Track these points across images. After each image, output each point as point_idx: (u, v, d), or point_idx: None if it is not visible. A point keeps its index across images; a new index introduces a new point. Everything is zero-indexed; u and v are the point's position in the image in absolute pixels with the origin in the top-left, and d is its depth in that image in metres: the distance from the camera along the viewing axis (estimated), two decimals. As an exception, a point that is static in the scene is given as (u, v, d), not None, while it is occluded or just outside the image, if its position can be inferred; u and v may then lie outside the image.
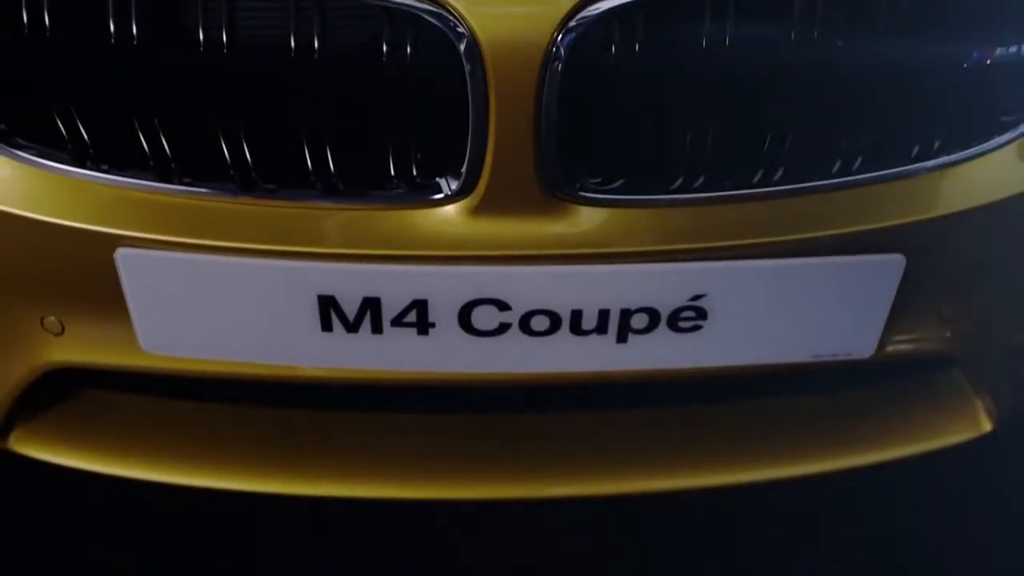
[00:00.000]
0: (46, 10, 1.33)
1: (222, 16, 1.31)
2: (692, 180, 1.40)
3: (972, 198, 1.45)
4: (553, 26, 1.27)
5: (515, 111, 1.31)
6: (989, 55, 1.41)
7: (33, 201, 1.40)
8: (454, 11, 1.27)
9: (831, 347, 1.51)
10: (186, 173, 1.39)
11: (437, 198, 1.38)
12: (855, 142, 1.42)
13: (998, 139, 1.44)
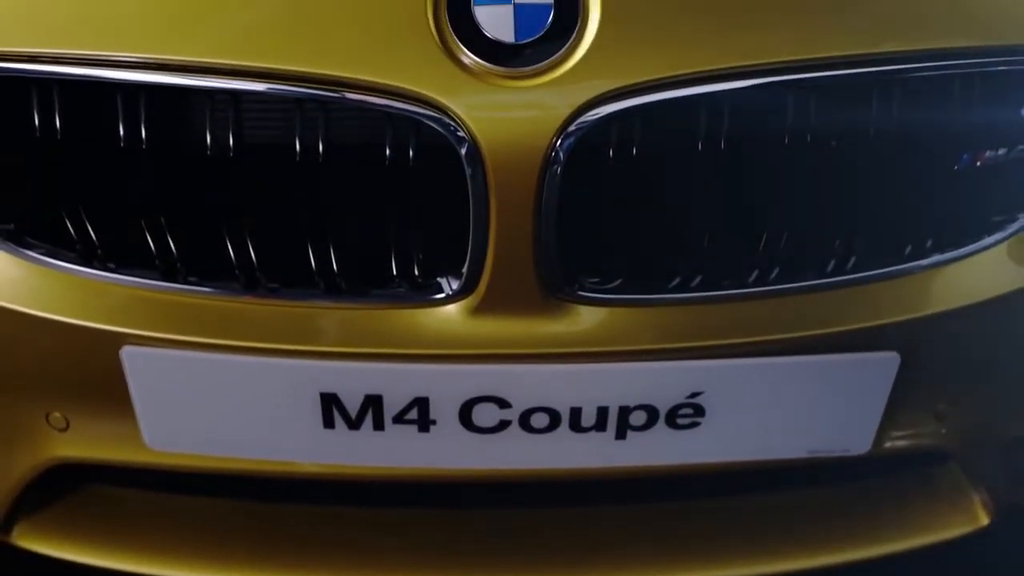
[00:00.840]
0: (57, 113, 1.36)
1: (229, 120, 1.34)
2: (689, 279, 1.42)
3: (964, 296, 1.47)
4: (552, 131, 1.31)
5: (515, 213, 1.34)
6: (979, 157, 1.44)
7: (41, 299, 1.42)
8: (455, 116, 1.30)
9: (827, 444, 1.52)
10: (191, 272, 1.41)
11: (438, 298, 1.40)
12: (849, 242, 1.44)
13: (988, 239, 1.47)
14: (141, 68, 1.33)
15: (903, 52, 1.37)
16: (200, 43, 1.32)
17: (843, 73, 1.36)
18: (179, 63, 1.33)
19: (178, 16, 1.34)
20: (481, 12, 1.31)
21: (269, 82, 1.32)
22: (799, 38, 1.35)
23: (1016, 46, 1.40)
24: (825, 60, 1.35)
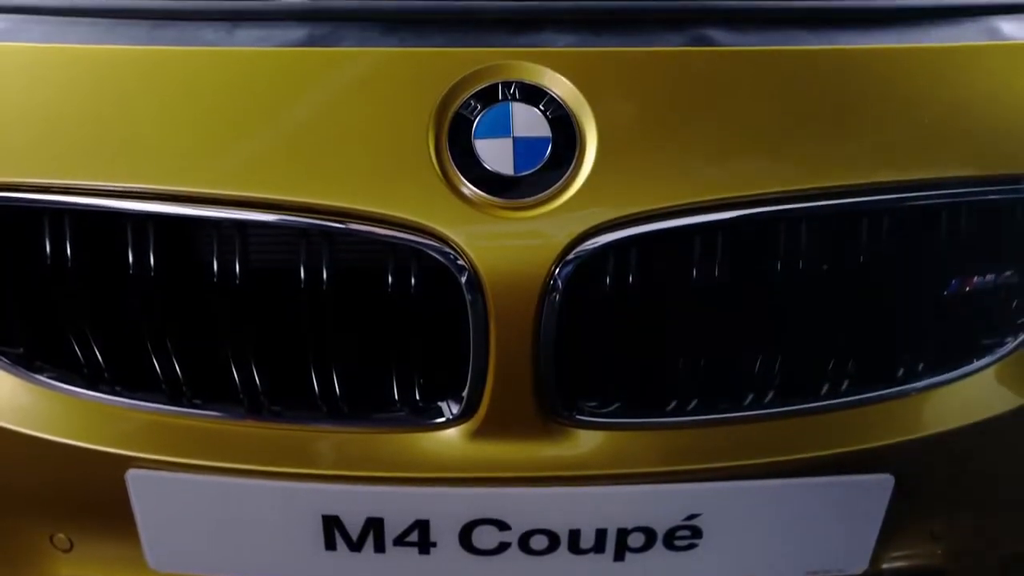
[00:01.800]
0: (68, 242, 1.40)
1: (235, 248, 1.38)
2: (686, 403, 1.45)
3: (956, 418, 1.49)
4: (551, 260, 1.34)
5: (515, 339, 1.37)
6: (967, 283, 1.48)
7: (48, 422, 1.45)
8: (456, 246, 1.34)
9: (823, 564, 1.54)
10: (196, 396, 1.44)
11: (439, 422, 1.43)
12: (842, 365, 1.47)
13: (978, 362, 1.50)
14: (150, 199, 1.37)
15: (896, 182, 1.40)
16: (208, 174, 1.36)
17: (837, 203, 1.39)
18: (188, 194, 1.36)
19: (187, 148, 1.38)
20: (482, 145, 1.35)
21: (276, 213, 1.36)
22: (793, 169, 1.39)
23: (1007, 176, 1.44)
24: (819, 190, 1.39)
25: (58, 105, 1.40)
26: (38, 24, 1.43)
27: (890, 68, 1.44)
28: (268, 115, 1.38)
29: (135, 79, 1.40)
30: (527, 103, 1.36)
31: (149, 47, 1.40)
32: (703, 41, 1.40)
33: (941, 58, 1.45)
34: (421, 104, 1.35)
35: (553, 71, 1.37)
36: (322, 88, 1.39)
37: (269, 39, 1.39)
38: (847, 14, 1.45)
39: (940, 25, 1.46)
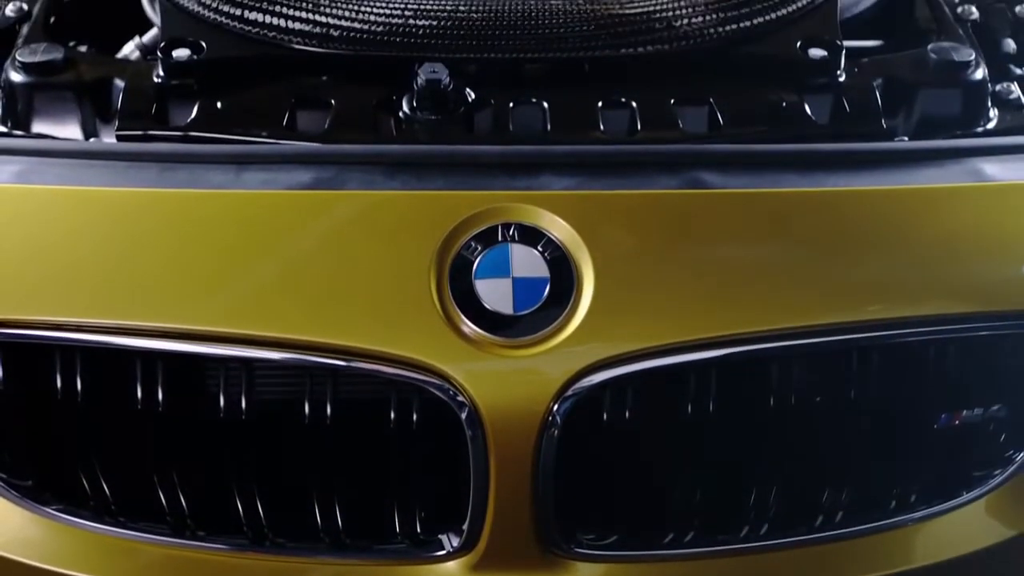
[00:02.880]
0: (79, 377, 1.43)
1: (241, 383, 1.41)
2: (683, 535, 1.47)
3: (947, 550, 1.52)
4: (549, 396, 1.37)
5: (514, 473, 1.39)
6: (957, 416, 1.51)
7: (55, 555, 1.47)
8: (456, 383, 1.37)
9: None
10: (200, 527, 1.46)
11: (439, 555, 1.45)
12: (835, 497, 1.50)
13: (968, 494, 1.52)
14: (159, 337, 1.40)
15: (886, 320, 1.44)
16: (216, 313, 1.40)
17: (828, 340, 1.43)
18: (196, 332, 1.40)
19: (195, 288, 1.42)
20: (482, 285, 1.39)
21: (281, 351, 1.39)
22: (785, 308, 1.43)
23: (994, 313, 1.48)
24: (810, 328, 1.42)
25: (71, 245, 1.44)
26: (52, 167, 1.47)
27: (878, 209, 1.48)
28: (274, 256, 1.42)
29: (145, 220, 1.45)
30: (526, 244, 1.40)
31: (159, 189, 1.44)
32: (696, 184, 1.45)
33: (927, 199, 1.49)
34: (423, 245, 1.39)
35: (551, 213, 1.41)
36: (327, 229, 1.43)
37: (275, 182, 1.44)
38: (835, 157, 1.50)
39: (925, 167, 1.50)
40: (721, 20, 1.61)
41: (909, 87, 1.61)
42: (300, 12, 1.59)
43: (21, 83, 1.57)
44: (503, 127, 1.54)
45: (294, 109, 1.54)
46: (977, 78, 1.61)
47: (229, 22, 1.60)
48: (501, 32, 1.58)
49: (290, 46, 1.60)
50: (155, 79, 1.57)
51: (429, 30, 1.57)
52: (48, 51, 1.59)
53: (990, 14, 1.81)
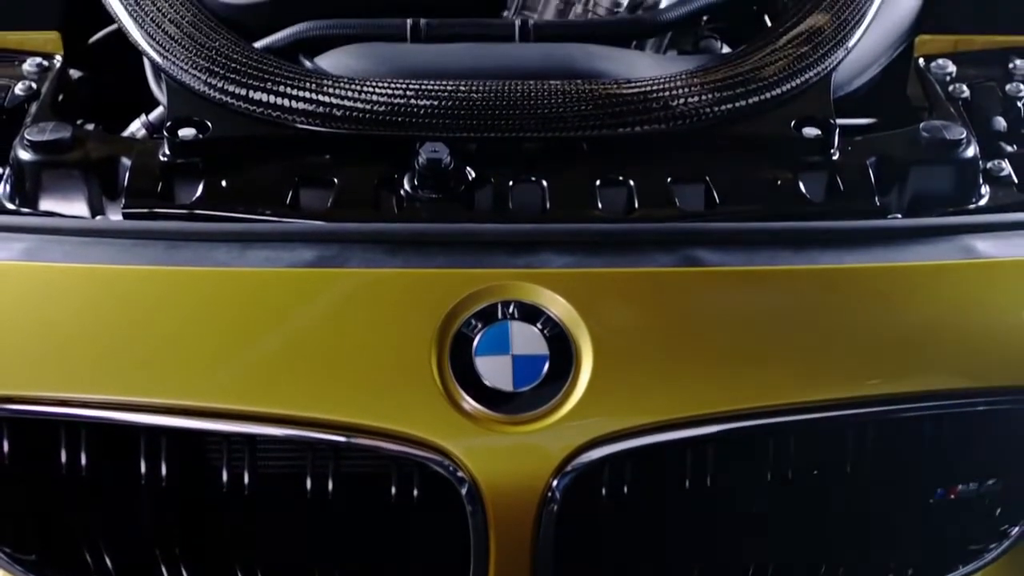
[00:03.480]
0: (83, 452, 1.45)
1: (244, 458, 1.43)
2: None
3: None
4: (549, 472, 1.39)
5: (514, 548, 1.41)
6: (952, 491, 1.53)
7: None
8: (456, 459, 1.39)
9: None
10: None
11: None
12: (833, 571, 1.51)
13: (964, 568, 1.53)
14: (164, 413, 1.42)
15: (881, 395, 1.46)
16: (220, 390, 1.42)
17: (823, 416, 1.45)
18: (200, 408, 1.42)
19: (199, 364, 1.44)
20: (482, 362, 1.41)
21: (284, 427, 1.41)
22: (780, 383, 1.45)
23: (987, 388, 1.49)
24: (805, 404, 1.44)
25: (78, 322, 1.46)
26: (60, 244, 1.50)
27: (872, 286, 1.50)
28: (277, 332, 1.44)
29: (150, 298, 1.47)
30: (525, 322, 1.42)
31: (164, 267, 1.46)
32: (692, 261, 1.47)
33: (920, 276, 1.51)
34: (424, 322, 1.42)
35: (550, 291, 1.43)
36: (329, 307, 1.45)
37: (278, 260, 1.46)
38: (829, 235, 1.52)
39: (918, 244, 1.53)
40: (716, 100, 1.64)
41: (902, 165, 1.64)
42: (303, 92, 1.62)
43: (29, 161, 1.60)
44: (503, 205, 1.57)
45: (297, 187, 1.57)
46: (968, 155, 1.64)
47: (234, 102, 1.63)
48: (501, 112, 1.60)
49: (293, 125, 1.63)
50: (161, 157, 1.60)
51: (430, 110, 1.59)
52: (56, 130, 1.62)
53: (980, 92, 1.84)
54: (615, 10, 1.92)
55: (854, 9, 1.83)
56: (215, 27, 1.75)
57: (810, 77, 1.71)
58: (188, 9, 1.77)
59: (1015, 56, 1.91)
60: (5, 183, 1.62)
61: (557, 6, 1.93)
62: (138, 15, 1.78)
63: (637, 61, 1.79)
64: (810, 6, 1.83)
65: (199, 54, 1.68)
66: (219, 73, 1.66)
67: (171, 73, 1.70)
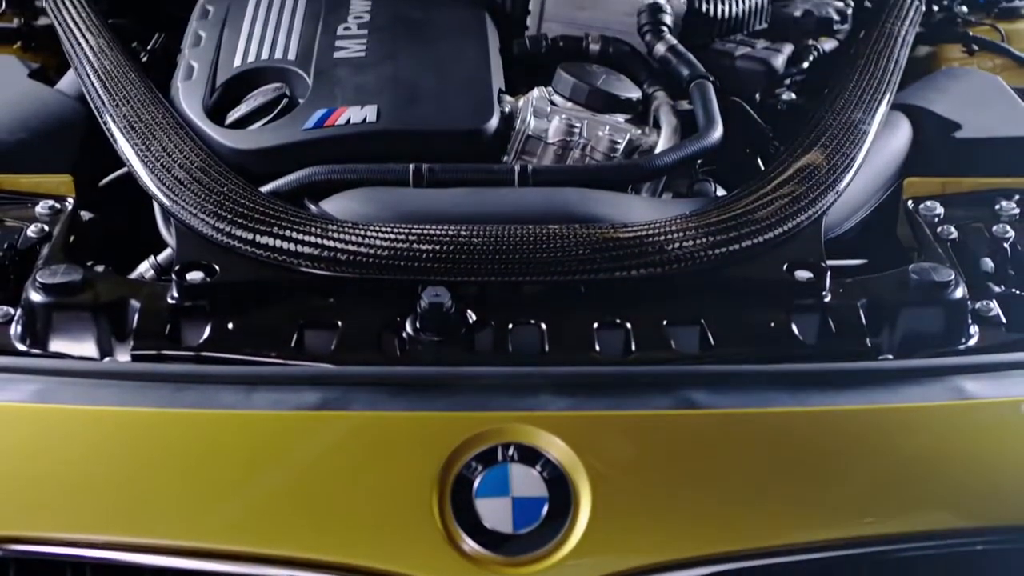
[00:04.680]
0: None
1: None
2: None
3: None
4: None
5: None
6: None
7: None
8: None
9: None
10: None
11: None
12: None
13: None
14: (169, 553, 1.44)
15: (876, 536, 1.48)
16: (224, 531, 1.44)
17: (820, 556, 1.47)
18: (204, 549, 1.44)
19: (204, 505, 1.46)
20: (482, 504, 1.43)
21: (286, 568, 1.43)
22: (777, 524, 1.47)
23: (985, 527, 1.52)
24: (802, 545, 1.46)
25: (85, 463, 1.49)
26: (69, 386, 1.53)
27: (865, 427, 1.53)
28: (281, 475, 1.47)
29: (157, 440, 1.50)
30: (525, 464, 1.45)
31: (171, 410, 1.50)
32: (689, 404, 1.50)
33: (911, 417, 1.54)
34: (425, 464, 1.45)
35: (549, 433, 1.46)
36: (333, 449, 1.48)
37: (283, 403, 1.49)
38: (822, 376, 1.56)
39: (909, 385, 1.56)
40: (711, 244, 1.69)
41: (892, 307, 1.68)
42: (309, 236, 1.67)
43: (41, 303, 1.64)
44: (503, 347, 1.61)
45: (302, 330, 1.61)
46: (957, 297, 1.68)
47: (241, 246, 1.68)
48: (501, 256, 1.65)
49: (299, 269, 1.67)
50: (169, 300, 1.64)
51: (432, 254, 1.64)
52: (67, 272, 1.66)
53: (968, 233, 1.88)
54: (612, 155, 1.97)
55: (844, 153, 1.89)
56: (223, 172, 1.81)
57: (802, 221, 1.76)
58: (197, 155, 1.83)
59: (1001, 197, 1.96)
60: (16, 324, 1.66)
61: (555, 151, 1.98)
62: (148, 160, 1.83)
63: (633, 205, 1.85)
64: (800, 151, 1.89)
65: (207, 199, 1.74)
66: (227, 218, 1.70)
67: (180, 217, 1.74)
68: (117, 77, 2.03)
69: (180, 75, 2.11)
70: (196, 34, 2.22)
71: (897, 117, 2.11)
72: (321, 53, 2.10)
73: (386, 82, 2.03)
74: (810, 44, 2.39)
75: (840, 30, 2.47)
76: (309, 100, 2.00)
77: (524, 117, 1.99)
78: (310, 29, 2.18)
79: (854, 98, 2.05)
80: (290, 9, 2.25)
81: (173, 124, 1.91)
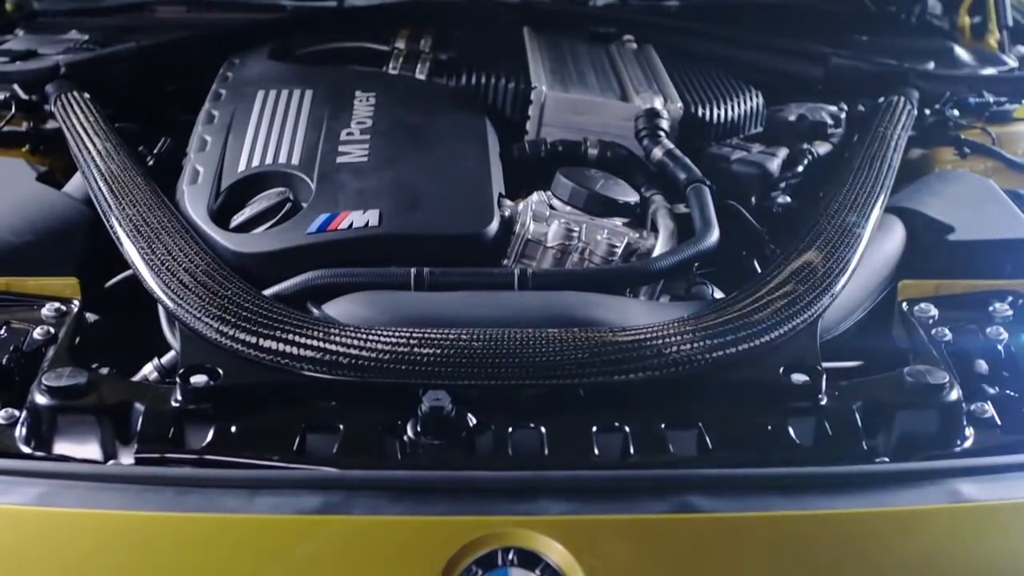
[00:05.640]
0: None
1: None
2: None
3: None
4: None
5: None
6: None
7: None
8: None
9: None
10: None
11: None
12: None
13: None
14: None
15: None
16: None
17: None
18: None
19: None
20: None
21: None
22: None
23: None
24: None
25: (88, 567, 1.50)
26: (72, 489, 1.54)
27: (861, 530, 1.54)
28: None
29: (159, 544, 1.51)
30: (524, 568, 1.46)
31: (174, 513, 1.51)
32: (686, 508, 1.52)
33: (908, 520, 1.55)
34: (426, 569, 1.46)
35: (548, 537, 1.47)
36: (335, 553, 1.49)
37: (285, 507, 1.50)
38: (818, 480, 1.57)
39: (905, 488, 1.57)
40: (708, 347, 1.71)
41: (888, 409, 1.69)
42: (311, 340, 1.69)
43: (46, 406, 1.65)
44: (503, 451, 1.62)
45: (304, 434, 1.62)
46: (952, 399, 1.70)
47: (245, 349, 1.70)
48: (501, 360, 1.67)
49: (301, 372, 1.69)
50: (173, 403, 1.66)
51: (433, 358, 1.66)
52: (72, 376, 1.68)
53: (963, 335, 1.90)
54: (610, 258, 2.00)
55: (839, 256, 1.92)
56: (227, 275, 1.83)
57: (797, 324, 1.79)
58: (201, 258, 1.86)
59: (994, 299, 1.98)
60: (21, 426, 1.67)
61: (554, 254, 2.01)
62: (153, 263, 1.86)
63: (631, 308, 1.87)
64: (796, 253, 1.92)
65: (211, 302, 1.76)
66: (231, 321, 1.73)
67: (184, 320, 1.77)
68: (123, 180, 2.07)
69: (185, 179, 2.15)
70: (201, 138, 2.27)
71: (891, 220, 2.14)
72: (324, 158, 2.15)
73: (388, 187, 2.06)
74: (805, 148, 2.44)
75: (834, 134, 2.52)
76: (312, 204, 2.03)
77: (524, 221, 2.03)
78: (313, 134, 2.22)
79: (848, 201, 2.09)
80: (294, 114, 2.30)
81: (178, 227, 1.94)
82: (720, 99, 2.46)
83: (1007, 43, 3.00)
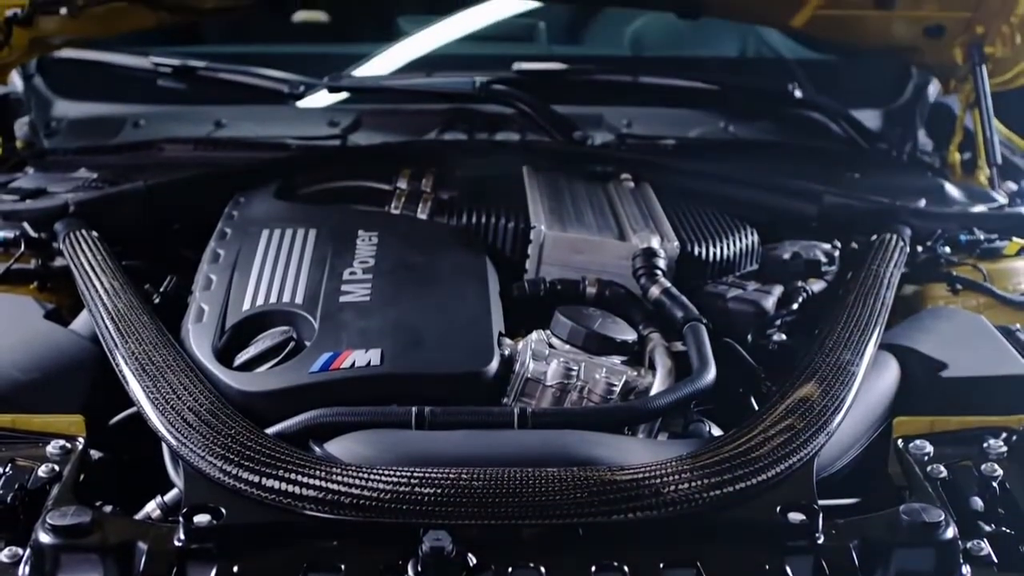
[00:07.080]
0: None
1: None
2: None
3: None
4: None
5: None
6: None
7: None
8: None
9: None
10: None
11: None
12: None
13: None
14: None
15: None
16: None
17: None
18: None
19: None
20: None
21: None
22: None
23: None
24: None
25: None
26: None
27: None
28: None
29: None
30: None
31: None
32: None
33: None
34: None
35: None
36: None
37: None
38: None
39: None
40: (706, 486, 1.73)
41: (884, 547, 1.71)
42: (313, 480, 1.71)
43: (50, 544, 1.66)
44: None
45: (306, 574, 1.63)
46: (948, 537, 1.71)
47: (248, 488, 1.72)
48: (500, 499, 1.69)
49: (303, 512, 1.70)
50: (176, 543, 1.67)
51: (433, 498, 1.68)
52: (77, 514, 1.69)
53: (958, 472, 1.92)
54: (609, 397, 2.02)
55: (834, 394, 1.94)
56: (231, 414, 1.86)
57: (794, 463, 1.81)
58: (206, 396, 1.89)
59: (989, 436, 2.00)
60: (25, 564, 1.68)
61: (554, 393, 2.04)
62: (158, 401, 1.89)
63: (630, 446, 1.89)
64: (792, 391, 1.94)
65: (215, 441, 1.78)
66: (234, 460, 1.75)
67: (188, 459, 1.79)
68: (129, 318, 2.11)
69: (191, 317, 2.18)
70: (207, 277, 2.31)
71: (885, 357, 2.18)
72: (327, 297, 2.18)
73: (390, 326, 2.10)
74: (799, 285, 2.48)
75: (828, 271, 2.56)
76: (315, 343, 2.06)
77: (523, 360, 2.06)
78: (316, 274, 2.26)
79: (843, 339, 2.12)
80: (298, 254, 2.34)
81: (183, 366, 1.97)
82: (716, 237, 2.50)
83: (996, 180, 3.05)
